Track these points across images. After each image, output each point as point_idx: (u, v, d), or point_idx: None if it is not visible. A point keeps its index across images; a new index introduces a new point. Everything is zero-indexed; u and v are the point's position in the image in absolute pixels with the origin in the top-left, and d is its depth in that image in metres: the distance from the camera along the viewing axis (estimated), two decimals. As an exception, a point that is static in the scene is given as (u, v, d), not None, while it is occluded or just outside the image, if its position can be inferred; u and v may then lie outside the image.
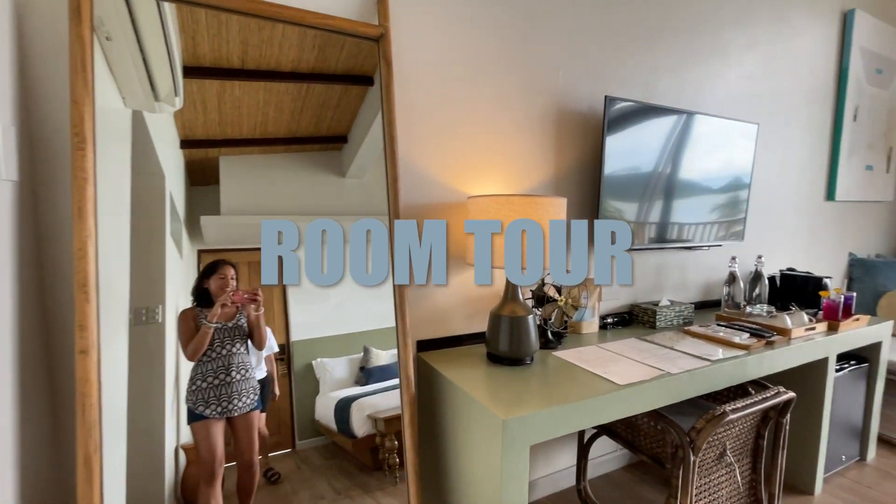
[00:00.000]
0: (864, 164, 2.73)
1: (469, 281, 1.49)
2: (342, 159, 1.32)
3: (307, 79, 1.25)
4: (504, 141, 1.50)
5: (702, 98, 1.98)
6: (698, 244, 1.94)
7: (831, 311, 1.75)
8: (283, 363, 1.28)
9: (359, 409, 1.40)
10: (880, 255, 3.05)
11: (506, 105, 1.49)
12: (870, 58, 2.62)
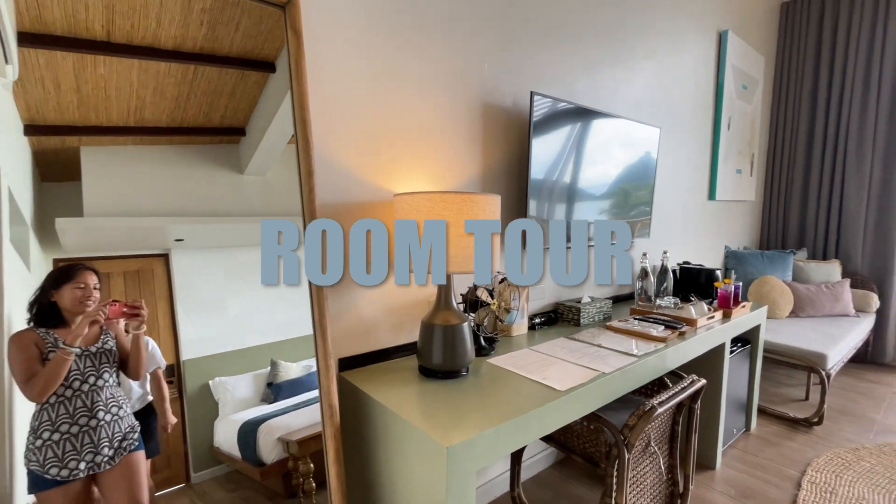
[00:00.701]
0: (735, 168, 3.12)
1: (396, 288, 1.35)
2: (240, 154, 1.15)
3: (193, 59, 1.06)
4: (430, 135, 1.40)
5: (614, 101, 2.07)
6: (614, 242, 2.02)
7: (724, 300, 1.93)
8: (172, 386, 1.08)
9: (267, 431, 1.23)
10: (747, 247, 3.52)
11: (431, 96, 1.39)
12: (738, 75, 2.99)
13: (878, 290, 3.13)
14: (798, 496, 1.70)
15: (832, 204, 3.31)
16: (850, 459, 1.95)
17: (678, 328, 1.63)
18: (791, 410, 2.44)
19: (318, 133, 1.15)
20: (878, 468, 1.89)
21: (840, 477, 1.82)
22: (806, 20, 3.37)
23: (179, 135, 1.08)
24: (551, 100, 1.60)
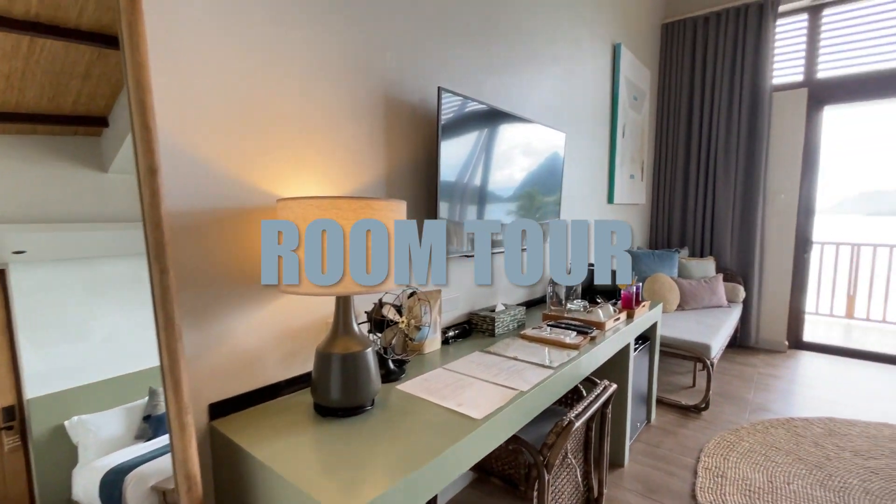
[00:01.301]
0: (629, 173, 3.34)
1: (285, 311, 1.14)
2: (103, 148, 0.91)
3: (25, 29, 0.84)
4: (322, 131, 1.20)
5: (522, 103, 2.04)
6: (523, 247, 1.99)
7: (628, 301, 2.00)
8: (12, 432, 0.86)
9: (137, 480, 0.99)
10: (640, 247, 3.80)
11: (325, 84, 1.19)
12: (630, 86, 3.20)
13: (743, 282, 3.57)
14: (696, 484, 1.80)
15: (706, 206, 3.70)
16: (733, 441, 2.14)
17: (589, 333, 1.63)
18: (682, 398, 2.64)
19: (170, 121, 0.90)
20: (755, 447, 2.09)
21: (727, 459, 1.98)
22: (682, 40, 3.74)
23: (15, 122, 0.85)
24: (461, 98, 1.49)
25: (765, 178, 3.51)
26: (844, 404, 2.57)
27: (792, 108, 3.43)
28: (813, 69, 3.40)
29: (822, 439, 2.16)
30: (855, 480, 1.83)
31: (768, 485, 1.80)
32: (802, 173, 3.45)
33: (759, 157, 3.45)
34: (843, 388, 2.82)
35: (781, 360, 3.34)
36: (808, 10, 3.39)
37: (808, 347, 3.61)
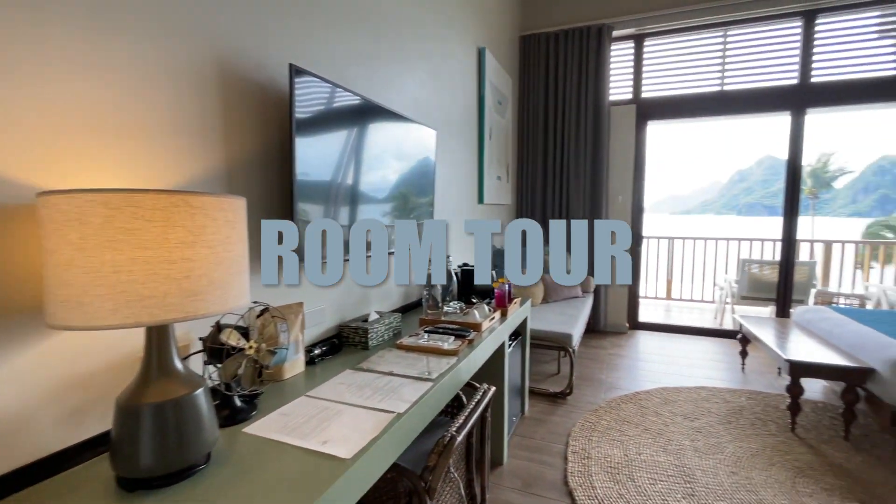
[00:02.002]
0: (497, 174, 3.47)
1: (64, 351, 0.82)
2: None
3: None
4: (127, 102, 0.91)
5: (389, 96, 1.91)
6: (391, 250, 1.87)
7: (501, 299, 2.02)
8: None
9: None
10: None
11: (123, 38, 0.90)
12: (495, 91, 3.32)
13: (593, 273, 4.00)
14: (567, 470, 1.90)
15: (562, 206, 4.06)
16: (594, 421, 2.33)
17: (467, 336, 1.58)
18: (550, 386, 2.81)
19: None
20: (612, 424, 2.30)
21: (590, 440, 2.14)
22: (538, 53, 4.03)
23: None
24: (321, 81, 1.30)
25: (607, 182, 3.98)
26: (673, 374, 3.02)
27: (625, 121, 3.95)
28: (639, 89, 3.97)
29: (661, 408, 2.48)
30: (686, 441, 2.13)
31: (624, 458, 1.98)
32: (634, 178, 4.01)
33: (602, 163, 3.90)
34: (670, 359, 3.33)
35: (625, 340, 3.83)
36: (635, 37, 3.94)
37: (643, 327, 4.22)
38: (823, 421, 2.32)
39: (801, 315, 2.98)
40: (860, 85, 3.39)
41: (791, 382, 2.22)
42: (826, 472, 1.87)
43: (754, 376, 2.98)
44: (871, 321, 2.52)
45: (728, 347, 3.61)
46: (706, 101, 3.79)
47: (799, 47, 3.51)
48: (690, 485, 1.79)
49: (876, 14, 3.37)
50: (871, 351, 2.14)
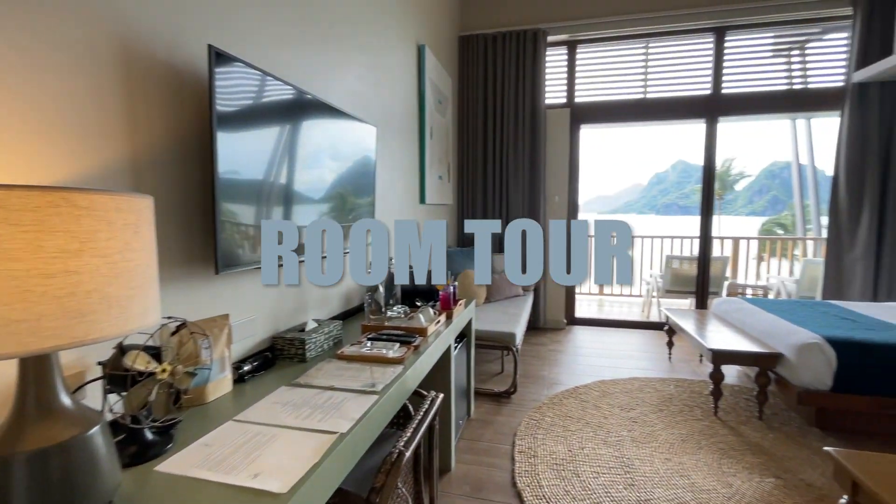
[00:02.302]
0: (438, 174, 3.43)
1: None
2: None
3: None
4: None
5: (326, 87, 1.79)
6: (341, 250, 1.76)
7: (446, 302, 1.98)
8: None
9: None
10: (450, 245, 3.98)
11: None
12: (435, 90, 3.27)
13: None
14: (514, 471, 1.89)
15: (502, 206, 4.12)
16: (538, 418, 2.36)
17: (412, 342, 1.51)
18: (495, 385, 2.82)
19: None
20: (555, 420, 2.34)
21: (535, 438, 2.16)
22: (476, 53, 4.05)
23: None
24: (246, 67, 1.17)
25: (544, 183, 4.09)
26: (608, 367, 3.16)
27: (560, 124, 4.08)
28: (572, 94, 4.12)
29: (599, 401, 2.58)
30: (624, 432, 2.22)
31: (568, 454, 2.02)
32: (569, 179, 4.16)
33: (540, 164, 4.00)
34: (605, 352, 3.48)
35: (563, 336, 3.96)
36: (568, 43, 4.09)
37: (579, 322, 4.39)
38: (740, 403, 2.53)
39: (718, 306, 3.25)
40: (759, 97, 3.77)
41: (714, 370, 2.39)
42: (746, 452, 2.03)
43: (680, 365, 3.20)
44: (777, 310, 2.79)
45: (656, 338, 3.86)
46: (631, 108, 4.02)
47: (712, 60, 3.83)
48: (630, 475, 1.86)
49: (771, 35, 3.76)
50: (779, 338, 2.37)
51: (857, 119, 3.41)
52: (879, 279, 3.43)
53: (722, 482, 1.81)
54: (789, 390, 2.23)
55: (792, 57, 3.79)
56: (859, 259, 3.46)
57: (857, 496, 1.27)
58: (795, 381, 2.20)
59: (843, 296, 3.54)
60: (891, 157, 3.37)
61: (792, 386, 2.21)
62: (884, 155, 3.38)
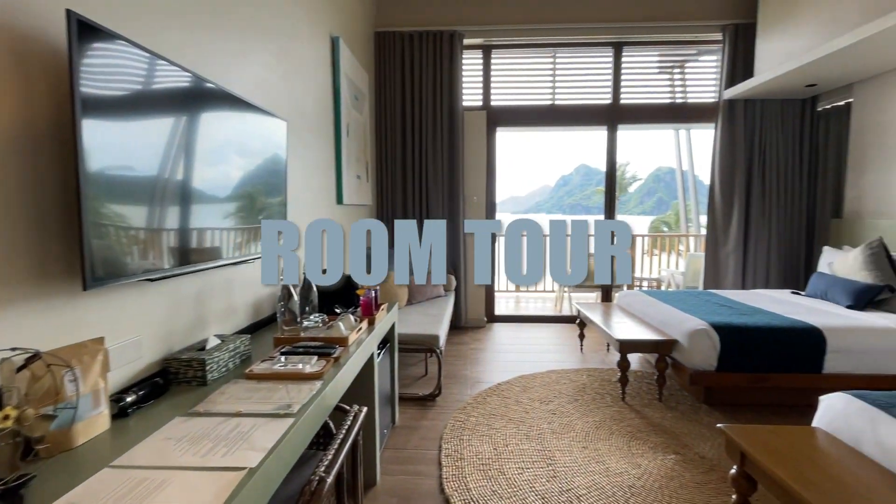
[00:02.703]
0: (356, 173, 3.29)
1: None
2: None
3: None
4: None
5: (227, 74, 1.60)
6: (244, 257, 1.58)
7: (368, 307, 1.88)
8: None
9: None
10: (370, 247, 3.85)
11: None
12: (351, 85, 3.14)
13: (454, 272, 4.12)
14: (442, 476, 1.86)
15: (422, 206, 4.09)
16: (464, 419, 2.36)
17: (332, 353, 1.40)
18: (419, 389, 2.77)
19: None
20: (480, 419, 2.36)
21: (461, 440, 2.15)
22: (393, 51, 3.97)
23: None
24: (126, 45, 0.98)
25: (463, 183, 4.13)
26: (527, 361, 3.27)
27: (477, 126, 4.16)
28: (488, 97, 4.22)
29: (520, 396, 2.65)
30: (545, 425, 2.30)
31: (494, 452, 2.04)
32: (487, 180, 4.25)
33: (458, 165, 4.03)
34: (524, 348, 3.61)
35: (484, 334, 4.04)
36: (483, 48, 4.18)
37: (499, 319, 4.51)
38: (643, 388, 2.77)
39: (621, 299, 3.53)
40: (649, 108, 4.18)
41: (621, 358, 2.58)
42: (650, 433, 2.22)
43: (591, 355, 3.43)
44: (669, 300, 3.10)
45: (568, 331, 4.09)
46: (541, 113, 4.22)
47: (611, 73, 4.16)
48: (552, 466, 1.92)
49: (657, 53, 4.19)
50: (673, 325, 2.63)
51: (727, 131, 3.93)
52: (747, 269, 3.99)
53: (632, 463, 1.95)
54: (683, 372, 2.48)
55: (674, 74, 4.25)
56: (731, 252, 3.98)
57: (744, 465, 1.43)
58: (688, 363, 2.45)
59: (720, 285, 4.05)
60: (753, 165, 3.93)
61: (685, 368, 2.46)
62: (748, 163, 3.94)
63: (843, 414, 1.49)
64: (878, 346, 2.37)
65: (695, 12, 3.88)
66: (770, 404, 2.51)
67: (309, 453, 1.31)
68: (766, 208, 3.92)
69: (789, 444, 1.41)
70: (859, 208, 3.48)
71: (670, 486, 1.78)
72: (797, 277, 3.96)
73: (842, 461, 1.33)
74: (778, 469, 1.28)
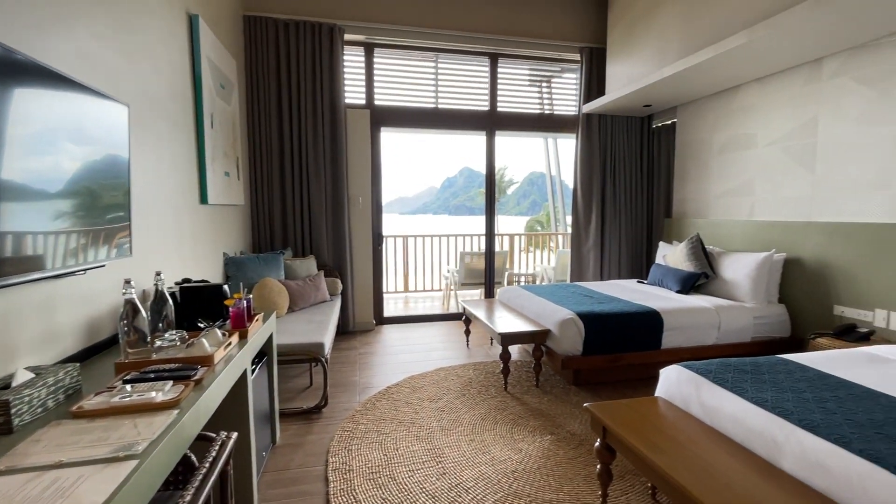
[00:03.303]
0: (224, 170, 2.96)
1: None
2: None
3: None
4: None
5: (45, 48, 1.29)
6: (79, 267, 1.30)
7: (239, 319, 1.70)
8: None
9: None
10: (244, 251, 3.50)
11: None
12: (216, 72, 2.80)
13: (340, 275, 3.96)
14: (329, 492, 1.76)
15: (303, 207, 3.85)
16: (352, 428, 2.27)
17: (192, 376, 1.22)
18: (303, 402, 2.60)
19: None
20: (370, 426, 2.30)
21: (350, 451, 2.06)
22: (266, 38, 3.66)
23: None
24: None
25: (347, 183, 4.00)
26: (417, 361, 3.29)
27: (361, 125, 4.05)
28: (372, 96, 4.15)
29: (410, 397, 2.65)
30: (434, 423, 2.33)
31: (384, 458, 2.00)
32: (372, 180, 4.18)
33: (341, 164, 3.89)
34: (413, 348, 3.63)
35: (373, 337, 3.96)
36: (365, 45, 4.09)
37: (388, 321, 4.47)
38: (522, 376, 2.98)
39: (502, 294, 3.76)
40: (522, 117, 4.54)
41: (503, 350, 2.74)
42: (530, 417, 2.39)
43: (476, 349, 3.58)
44: (543, 294, 3.38)
45: (456, 328, 4.23)
46: (425, 116, 4.30)
47: (488, 81, 4.40)
48: (441, 464, 1.95)
49: (528, 67, 4.56)
50: (547, 316, 2.88)
51: (586, 142, 4.44)
52: (604, 263, 4.56)
53: (514, 449, 2.07)
54: (555, 359, 2.72)
55: (542, 87, 4.67)
56: (592, 248, 4.52)
57: (606, 438, 1.61)
58: (559, 350, 2.70)
59: (583, 277, 4.56)
60: (606, 171, 4.50)
61: (557, 355, 2.71)
62: (603, 170, 4.50)
63: (675, 382, 1.77)
64: (699, 323, 2.89)
65: (557, 34, 4.31)
66: (625, 380, 2.90)
67: (163, 496, 1.13)
68: (616, 210, 4.53)
69: (638, 414, 1.63)
70: (683, 210, 4.21)
71: (547, 465, 1.94)
72: (641, 268, 4.65)
73: (677, 423, 1.58)
74: (629, 437, 1.47)
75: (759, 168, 3.39)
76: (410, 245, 6.27)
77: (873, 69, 2.62)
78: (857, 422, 1.33)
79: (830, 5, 2.16)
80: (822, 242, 2.93)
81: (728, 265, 3.32)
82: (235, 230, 3.36)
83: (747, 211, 3.52)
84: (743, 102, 3.51)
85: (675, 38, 3.39)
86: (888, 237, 2.56)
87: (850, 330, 2.61)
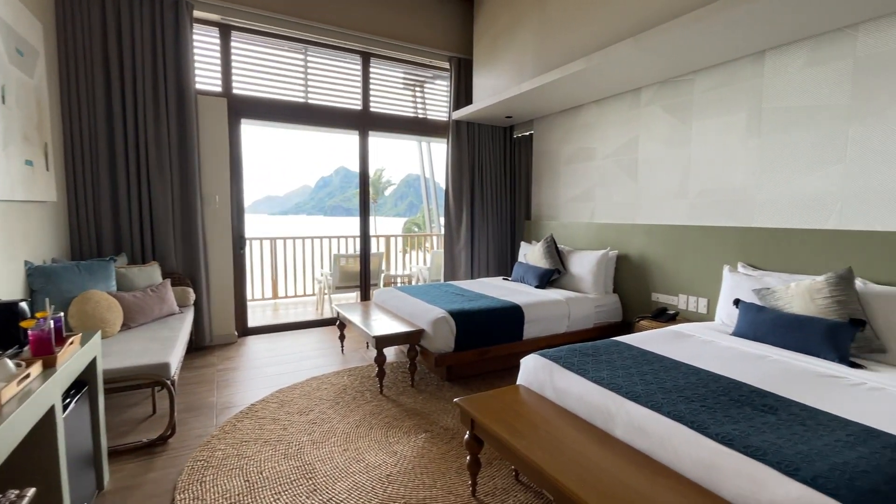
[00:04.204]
0: (24, 158, 2.37)
1: None
2: None
3: None
4: None
5: None
6: None
7: (43, 344, 1.37)
8: None
9: None
10: (56, 259, 2.85)
11: None
12: (10, 33, 2.22)
13: (192, 284, 3.49)
14: (175, 535, 1.52)
15: (143, 206, 3.30)
16: (207, 456, 2.01)
17: None
18: (143, 434, 2.22)
19: None
20: (228, 450, 2.06)
21: (203, 482, 1.82)
22: (86, 3, 3.04)
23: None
24: None
25: (200, 180, 3.55)
26: (286, 373, 3.07)
27: (216, 115, 3.63)
28: (230, 83, 3.74)
29: (278, 413, 2.45)
30: (304, 437, 2.19)
31: (245, 485, 1.81)
32: (231, 177, 3.77)
33: (192, 158, 3.43)
34: (281, 359, 3.38)
35: (235, 351, 3.58)
36: (220, 26, 3.67)
37: (253, 332, 4.09)
38: (398, 377, 2.99)
39: (378, 296, 3.72)
40: (397, 120, 4.57)
41: (377, 353, 2.70)
42: (405, 418, 2.40)
43: (351, 355, 3.48)
44: (417, 294, 3.44)
45: (330, 334, 4.06)
46: (295, 110, 4.04)
47: (360, 80, 4.32)
48: (312, 480, 1.84)
49: (402, 71, 4.61)
50: (420, 316, 2.93)
51: (456, 147, 4.65)
52: (474, 262, 4.83)
53: (389, 452, 2.06)
54: (429, 357, 2.79)
55: (416, 92, 4.77)
56: (463, 248, 4.75)
57: (475, 429, 1.70)
58: (433, 348, 2.77)
59: (455, 276, 4.77)
60: (475, 176, 4.78)
61: (431, 353, 2.78)
62: (472, 174, 4.76)
63: (533, 370, 1.95)
64: (553, 314, 3.24)
65: (428, 40, 4.44)
66: (493, 371, 3.10)
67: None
68: (484, 212, 4.84)
69: (502, 403, 1.75)
70: (540, 213, 4.69)
71: (421, 463, 1.97)
72: (506, 266, 5.05)
73: (535, 408, 1.74)
74: (493, 426, 1.57)
75: (598, 177, 3.95)
76: (280, 248, 5.84)
77: (675, 101, 3.25)
78: (666, 389, 1.62)
79: (647, 41, 2.61)
80: (643, 241, 3.53)
81: (575, 261, 3.80)
82: (44, 233, 2.72)
83: (589, 214, 4.07)
84: (586, 120, 4.05)
85: (531, 57, 3.75)
86: (686, 236, 3.19)
87: (663, 312, 3.19)
